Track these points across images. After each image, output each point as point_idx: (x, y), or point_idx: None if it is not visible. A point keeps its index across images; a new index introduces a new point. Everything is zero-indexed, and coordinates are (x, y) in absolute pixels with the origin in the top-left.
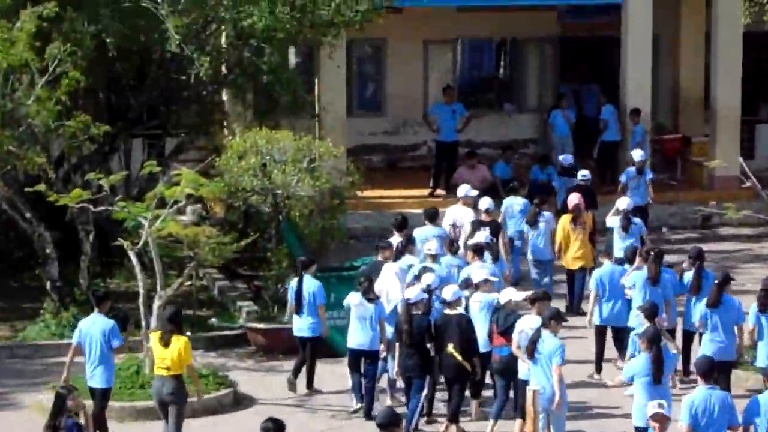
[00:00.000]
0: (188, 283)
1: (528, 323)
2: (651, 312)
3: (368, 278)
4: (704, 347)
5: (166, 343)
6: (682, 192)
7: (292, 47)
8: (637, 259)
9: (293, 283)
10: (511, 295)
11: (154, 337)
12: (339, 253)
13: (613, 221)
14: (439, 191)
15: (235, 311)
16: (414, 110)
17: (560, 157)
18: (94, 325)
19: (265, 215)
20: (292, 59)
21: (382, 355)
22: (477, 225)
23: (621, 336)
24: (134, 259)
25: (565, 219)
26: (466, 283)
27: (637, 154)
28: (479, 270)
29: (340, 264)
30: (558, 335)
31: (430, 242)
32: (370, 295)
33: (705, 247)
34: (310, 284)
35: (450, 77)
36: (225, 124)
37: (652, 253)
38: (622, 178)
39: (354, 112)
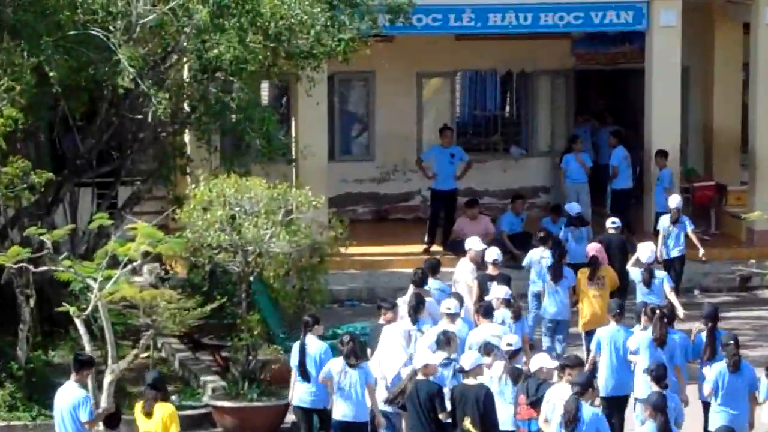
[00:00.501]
0: (144, 354)
1: (558, 393)
2: (658, 374)
3: (351, 338)
4: (716, 418)
5: (148, 413)
6: (716, 248)
7: (265, 82)
8: (643, 319)
9: (295, 346)
10: (542, 362)
11: (137, 407)
12: (321, 318)
13: (634, 273)
14: (436, 247)
15: (198, 387)
16: (406, 154)
17: (566, 206)
18: (65, 397)
19: (233, 276)
20: (265, 96)
21: (380, 430)
22: (486, 279)
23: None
24: (81, 328)
25: (581, 274)
26: (486, 350)
27: (674, 201)
28: (495, 334)
29: (321, 333)
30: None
31: (448, 300)
32: (351, 360)
33: (743, 313)
34: (316, 347)
35: (448, 116)
36: (187, 170)
37: (658, 311)
38: (660, 227)
39: (337, 156)
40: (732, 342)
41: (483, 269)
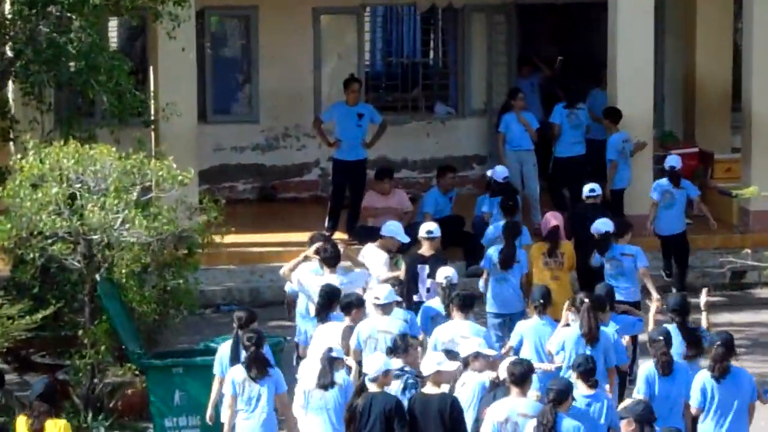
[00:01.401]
0: None
1: (516, 406)
2: (586, 369)
3: (256, 337)
4: None
5: (37, 431)
6: (701, 234)
7: (113, 20)
8: (566, 314)
9: (224, 349)
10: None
11: (21, 423)
12: (188, 329)
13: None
14: (339, 234)
15: None
16: (300, 114)
17: (489, 172)
18: None
19: (73, 273)
20: (114, 38)
21: None
22: (416, 263)
23: None
24: None
25: (536, 250)
26: (450, 355)
27: (673, 159)
28: (467, 337)
29: (189, 347)
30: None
31: (379, 287)
32: (253, 373)
33: (736, 317)
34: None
35: (354, 65)
36: (11, 135)
37: (587, 301)
38: (654, 195)
39: (209, 117)
40: (661, 338)
41: (408, 252)
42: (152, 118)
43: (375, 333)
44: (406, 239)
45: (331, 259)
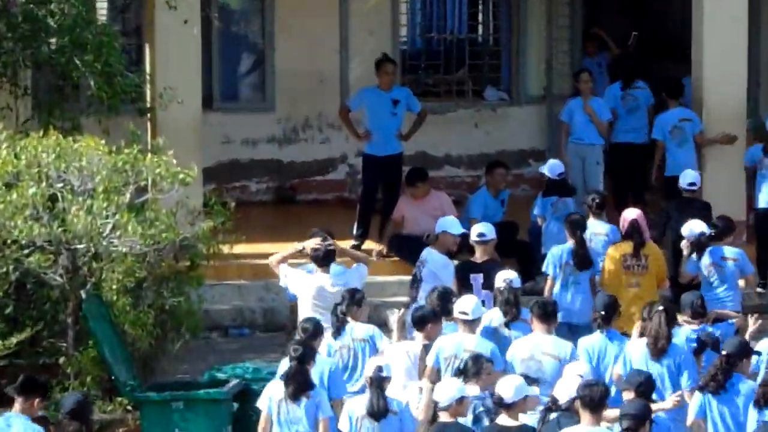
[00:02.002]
0: None
1: None
2: (646, 389)
3: (303, 348)
4: None
5: None
6: None
7: None
8: (637, 326)
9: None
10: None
11: None
12: (190, 355)
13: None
14: (370, 243)
15: None
16: (323, 100)
17: (543, 167)
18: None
19: (54, 290)
20: (103, 11)
21: None
22: (468, 270)
23: None
24: None
25: (615, 252)
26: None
27: None
28: (554, 355)
29: (191, 377)
30: None
31: (465, 300)
32: (291, 390)
33: None
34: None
35: (388, 42)
36: None
37: (661, 308)
38: (747, 160)
39: (217, 104)
40: (724, 353)
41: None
42: (148, 105)
43: (461, 352)
44: (460, 230)
45: (321, 258)
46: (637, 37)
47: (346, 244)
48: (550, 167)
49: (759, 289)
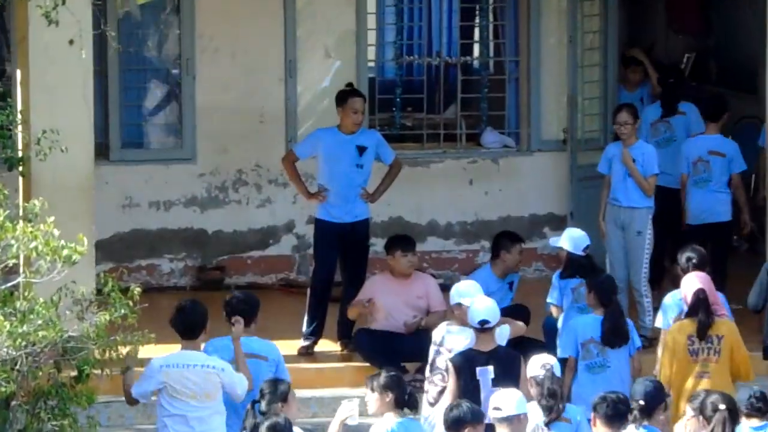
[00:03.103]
0: None
1: None
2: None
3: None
4: None
5: None
6: None
7: None
8: (683, 423)
9: None
10: None
11: None
12: None
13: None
14: (328, 344)
15: None
16: (263, 147)
17: (560, 241)
18: None
19: None
20: None
21: None
22: (472, 360)
23: None
24: None
25: (679, 331)
26: None
27: None
28: None
29: None
30: None
31: (503, 395)
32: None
33: None
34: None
35: (350, 67)
36: None
37: (723, 407)
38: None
39: (115, 153)
40: None
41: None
42: (19, 154)
43: None
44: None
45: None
46: (691, 59)
47: (292, 344)
48: (572, 239)
49: None
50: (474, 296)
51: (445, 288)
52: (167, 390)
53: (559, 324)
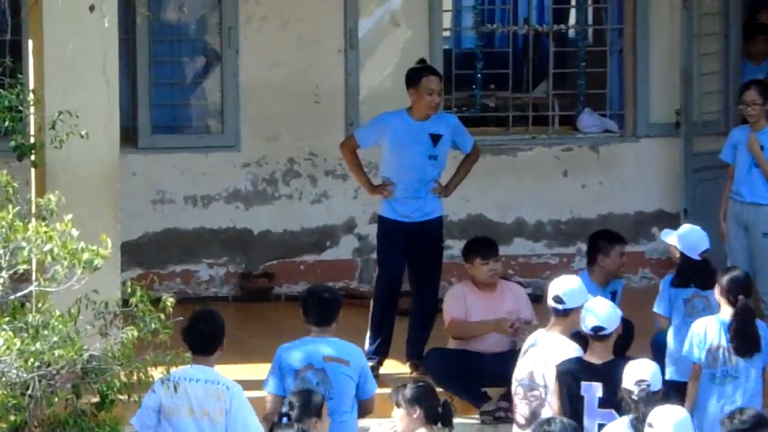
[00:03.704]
0: None
1: None
2: None
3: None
4: None
5: None
6: None
7: None
8: None
9: None
10: None
11: None
12: None
13: None
14: (394, 365)
15: None
16: (319, 132)
17: (672, 240)
18: None
19: None
20: None
21: None
22: (579, 374)
23: None
24: None
25: None
26: None
27: None
28: None
29: None
30: None
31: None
32: None
33: None
34: None
35: (423, 40)
36: None
37: None
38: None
39: (144, 140)
40: None
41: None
42: (32, 141)
43: None
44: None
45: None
46: None
47: None
48: (687, 240)
49: None
50: (579, 296)
51: (536, 299)
52: (164, 411)
53: (669, 340)
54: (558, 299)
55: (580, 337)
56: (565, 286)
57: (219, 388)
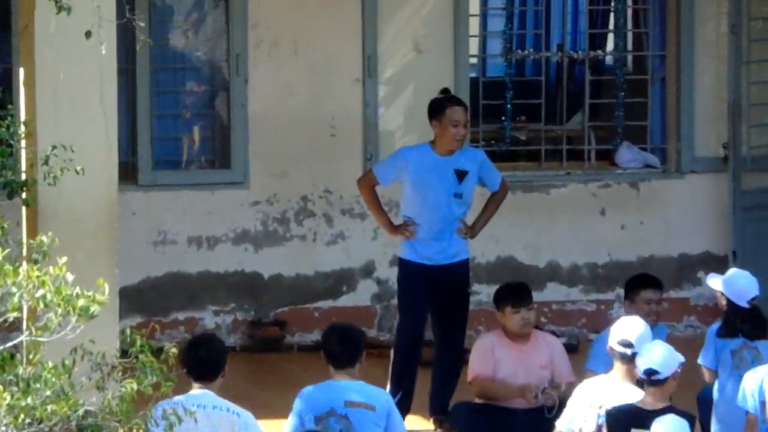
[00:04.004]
0: None
1: None
2: None
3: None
4: None
5: None
6: None
7: None
8: None
9: None
10: None
11: None
12: None
13: None
14: (418, 421)
15: None
16: (333, 168)
17: (717, 284)
18: None
19: None
20: None
21: None
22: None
23: None
24: None
25: None
26: None
27: None
28: None
29: None
30: None
31: None
32: None
33: None
34: None
35: (447, 67)
36: None
37: None
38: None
39: (145, 176)
40: None
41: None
42: (23, 178)
43: None
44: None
45: None
46: None
47: None
48: (734, 285)
49: None
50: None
51: (571, 349)
52: None
53: (715, 395)
54: (626, 344)
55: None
56: (634, 329)
57: (229, 417)
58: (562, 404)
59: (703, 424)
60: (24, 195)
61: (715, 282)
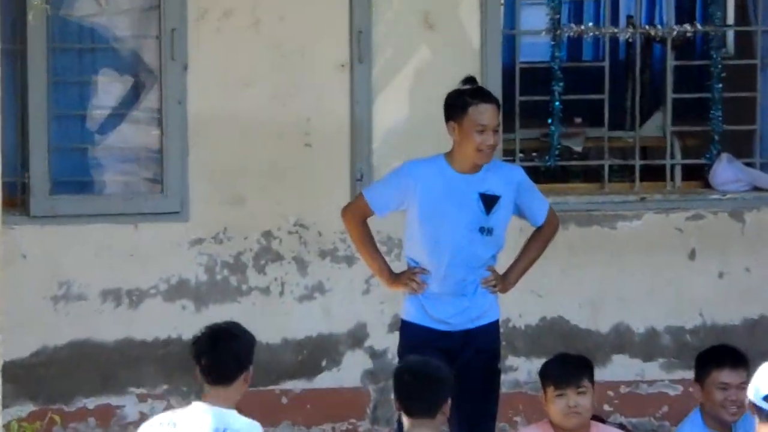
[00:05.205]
0: None
1: None
2: None
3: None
4: None
5: None
6: None
7: None
8: None
9: None
10: None
11: None
12: None
13: None
14: None
15: None
16: (308, 187)
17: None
18: None
19: None
20: None
21: None
22: None
23: None
24: None
25: None
26: None
27: None
28: None
29: None
30: None
31: None
32: None
33: None
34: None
35: (469, 46)
36: None
37: None
38: None
39: (39, 203)
40: None
41: None
42: None
43: None
44: None
45: None
46: None
47: None
48: None
49: None
50: None
51: None
52: None
53: None
54: None
55: None
56: None
57: None
58: None
59: None
60: None
61: None
